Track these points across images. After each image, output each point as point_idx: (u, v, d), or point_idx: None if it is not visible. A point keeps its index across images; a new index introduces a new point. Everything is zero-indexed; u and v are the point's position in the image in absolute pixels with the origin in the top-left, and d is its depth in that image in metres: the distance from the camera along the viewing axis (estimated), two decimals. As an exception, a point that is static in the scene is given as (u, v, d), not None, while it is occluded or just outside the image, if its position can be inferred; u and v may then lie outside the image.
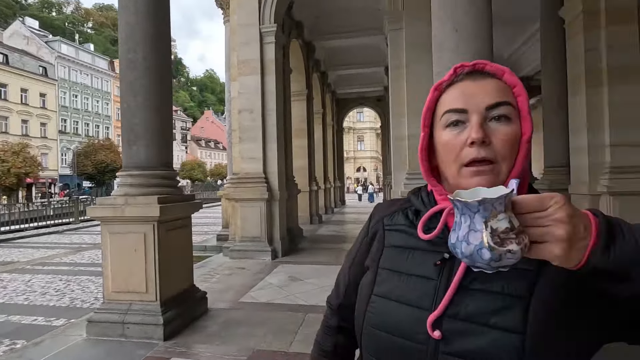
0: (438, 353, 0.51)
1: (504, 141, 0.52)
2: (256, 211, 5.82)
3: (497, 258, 0.40)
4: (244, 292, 4.16)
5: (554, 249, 0.40)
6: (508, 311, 0.49)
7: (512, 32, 10.20)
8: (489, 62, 0.57)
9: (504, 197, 0.40)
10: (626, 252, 0.40)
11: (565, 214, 0.39)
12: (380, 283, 0.61)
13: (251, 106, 5.94)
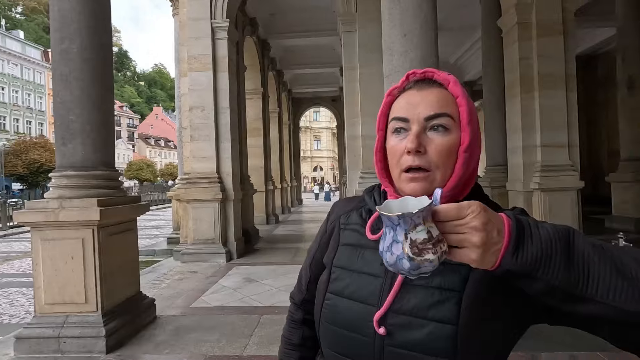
0: (383, 346, 0.56)
1: (438, 151, 0.55)
2: (209, 212, 5.62)
3: (415, 267, 0.43)
4: (196, 297, 4.01)
5: (470, 254, 0.44)
6: (443, 304, 0.53)
7: (457, 39, 10.84)
8: (437, 71, 0.60)
9: (422, 210, 0.43)
10: (531, 255, 0.44)
11: (480, 222, 0.43)
12: (333, 281, 0.64)
13: (203, 103, 5.72)
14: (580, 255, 0.44)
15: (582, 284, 0.43)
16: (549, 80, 5.19)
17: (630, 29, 7.08)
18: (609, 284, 0.43)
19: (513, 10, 5.34)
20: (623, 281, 0.42)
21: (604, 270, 0.43)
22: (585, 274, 0.43)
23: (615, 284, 0.43)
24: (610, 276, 0.43)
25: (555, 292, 0.44)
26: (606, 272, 0.43)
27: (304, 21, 9.30)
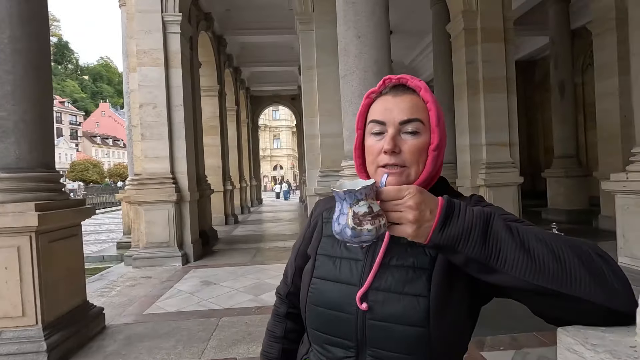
0: (365, 320, 0.62)
1: (411, 151, 0.64)
2: (163, 214, 5.38)
3: (356, 235, 0.51)
4: (149, 303, 3.83)
5: (406, 228, 0.53)
6: (416, 281, 0.61)
7: (411, 42, 11.29)
8: (410, 78, 0.68)
9: (364, 188, 0.51)
10: (454, 232, 0.52)
11: (414, 202, 0.52)
12: (318, 267, 0.71)
13: (154, 100, 5.46)
14: (495, 234, 0.52)
15: (493, 258, 0.51)
16: (492, 83, 5.59)
17: (561, 38, 7.81)
18: (513, 259, 0.50)
19: (460, 16, 5.68)
20: (525, 257, 0.50)
21: (512, 248, 0.51)
22: (496, 250, 0.51)
23: (518, 259, 0.50)
24: (516, 253, 0.51)
25: (472, 263, 0.53)
26: (514, 250, 0.51)
27: (261, 18, 9.18)
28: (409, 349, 0.60)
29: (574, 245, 0.51)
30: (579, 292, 0.48)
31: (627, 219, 3.54)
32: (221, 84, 9.56)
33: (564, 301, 0.49)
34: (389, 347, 0.61)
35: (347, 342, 0.65)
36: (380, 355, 0.62)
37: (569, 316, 0.51)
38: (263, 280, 4.54)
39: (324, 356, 0.69)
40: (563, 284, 0.48)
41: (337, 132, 5.66)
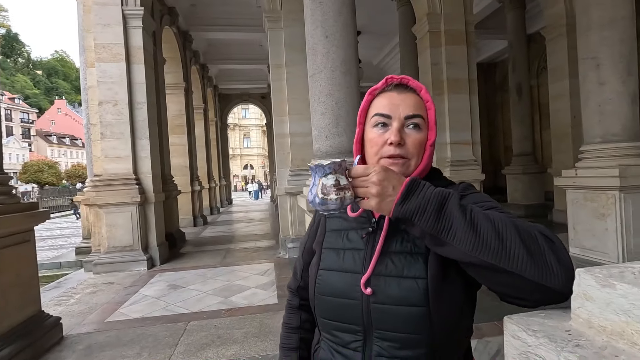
0: (370, 304, 0.67)
1: (414, 144, 0.70)
2: (126, 217, 5.15)
3: (323, 203, 0.60)
4: (112, 310, 3.65)
5: (371, 201, 0.60)
6: (415, 264, 0.66)
7: (379, 43, 11.49)
8: (411, 78, 0.74)
9: (332, 163, 0.59)
10: (412, 206, 0.58)
11: (378, 178, 0.59)
12: (323, 260, 0.76)
13: (115, 98, 5.20)
14: (449, 212, 0.58)
15: (444, 232, 0.57)
16: (455, 84, 5.81)
17: (518, 42, 8.25)
18: (462, 234, 0.56)
19: (425, 19, 5.85)
20: (471, 233, 0.56)
21: (462, 224, 0.57)
22: (448, 225, 0.57)
23: (465, 234, 0.56)
24: (464, 229, 0.56)
25: (426, 236, 0.59)
26: (463, 226, 0.56)
27: (229, 14, 8.98)
28: (412, 328, 0.64)
29: (522, 228, 0.57)
30: (513, 267, 0.53)
31: (576, 212, 3.81)
32: (187, 81, 9.27)
33: (504, 276, 0.54)
34: (393, 328, 0.66)
35: (354, 326, 0.69)
36: (385, 336, 0.67)
37: (510, 290, 0.56)
38: (233, 282, 4.46)
39: (334, 342, 0.73)
40: (501, 258, 0.54)
41: (307, 131, 5.66)
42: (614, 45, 3.41)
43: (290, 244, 5.52)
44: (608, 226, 3.45)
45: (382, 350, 0.67)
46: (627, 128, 3.48)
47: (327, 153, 2.88)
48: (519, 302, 0.54)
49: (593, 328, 0.39)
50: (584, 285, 0.41)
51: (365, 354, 0.69)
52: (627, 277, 0.38)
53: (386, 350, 0.67)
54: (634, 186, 3.33)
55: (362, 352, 0.69)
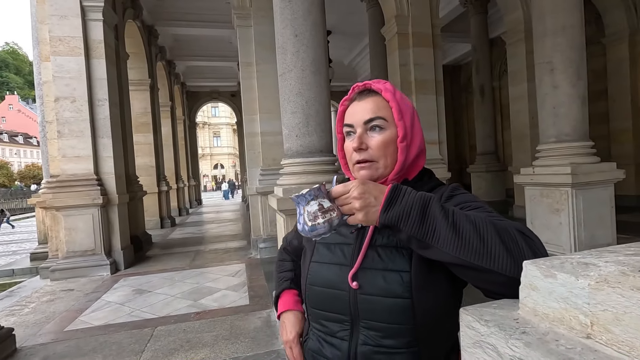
0: (357, 295, 0.70)
1: (377, 146, 0.73)
2: (87, 220, 4.89)
3: (313, 229, 0.62)
4: (72, 319, 3.46)
5: (358, 215, 0.62)
6: (400, 258, 0.69)
7: (350, 43, 11.60)
8: (374, 82, 0.77)
9: (311, 190, 0.61)
10: (396, 213, 0.60)
11: (358, 192, 0.61)
12: (316, 253, 0.80)
13: (73, 94, 4.92)
14: (432, 216, 0.60)
15: (429, 236, 0.59)
16: (423, 85, 5.99)
17: (481, 46, 8.62)
18: (445, 237, 0.58)
19: (394, 21, 5.98)
20: (454, 236, 0.58)
21: (444, 227, 0.58)
22: (432, 229, 0.59)
23: (448, 236, 0.58)
24: (447, 231, 0.58)
25: (412, 240, 0.61)
26: (446, 229, 0.58)
27: (196, 10, 8.74)
28: (395, 318, 0.68)
29: (502, 228, 0.59)
30: (494, 266, 0.55)
31: (534, 208, 4.05)
32: (153, 77, 8.93)
33: (486, 274, 0.56)
34: (378, 318, 0.69)
35: (342, 316, 0.73)
36: (371, 326, 0.70)
37: (493, 287, 0.58)
38: (203, 284, 4.36)
39: (322, 332, 0.77)
40: (483, 259, 0.56)
41: (278, 130, 5.60)
42: (565, 51, 3.65)
43: (262, 244, 5.47)
44: (562, 220, 3.69)
45: (368, 339, 0.70)
46: (577, 129, 3.73)
47: (297, 152, 2.88)
48: (500, 297, 0.57)
49: (538, 316, 0.42)
50: (530, 276, 0.44)
51: (352, 342, 0.72)
52: (567, 267, 0.41)
53: (371, 339, 0.70)
54: (584, 183, 3.59)
55: (349, 340, 0.72)
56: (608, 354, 0.35)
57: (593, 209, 3.64)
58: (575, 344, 0.38)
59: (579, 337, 0.38)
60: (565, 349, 0.37)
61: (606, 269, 0.39)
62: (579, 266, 0.41)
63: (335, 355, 0.74)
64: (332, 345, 0.75)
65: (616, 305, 0.35)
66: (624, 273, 0.37)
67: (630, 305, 0.34)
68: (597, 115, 7.46)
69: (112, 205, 5.18)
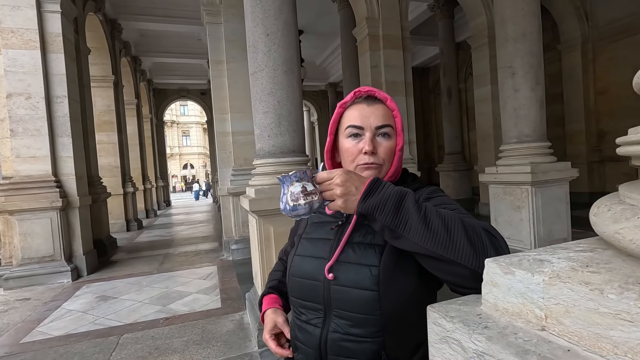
0: (330, 286, 0.76)
1: (385, 151, 0.78)
2: (45, 224, 4.60)
3: (294, 209, 0.66)
4: (28, 330, 3.25)
5: (337, 202, 0.66)
6: (371, 254, 0.74)
7: (322, 43, 11.64)
8: (378, 90, 0.82)
9: (297, 172, 0.66)
10: (372, 203, 0.65)
11: (340, 180, 0.66)
12: (299, 248, 0.86)
13: (28, 90, 4.61)
14: (405, 208, 0.64)
15: (401, 226, 0.63)
16: (393, 87, 6.11)
17: (448, 50, 8.93)
18: (415, 228, 0.62)
19: (364, 22, 6.06)
20: (423, 227, 0.62)
21: (416, 219, 0.63)
22: (404, 220, 0.63)
23: (418, 228, 0.62)
24: (418, 224, 0.62)
25: (385, 230, 0.65)
26: (417, 221, 0.63)
27: (162, 4, 8.44)
28: (362, 308, 0.73)
29: (468, 224, 0.63)
30: (458, 257, 0.59)
31: (497, 205, 4.24)
32: (117, 74, 8.53)
33: (451, 266, 0.60)
34: (348, 308, 0.74)
35: (317, 305, 0.79)
36: (342, 315, 0.75)
37: (456, 279, 0.62)
38: (172, 288, 4.22)
39: (300, 320, 0.83)
40: (448, 250, 0.60)
41: (249, 130, 5.53)
42: (525, 57, 3.86)
43: (234, 246, 5.38)
44: (522, 217, 3.90)
45: (338, 327, 0.76)
46: (536, 130, 3.95)
47: (269, 152, 2.86)
48: (463, 291, 0.60)
49: (499, 310, 0.44)
50: (491, 273, 0.46)
51: (324, 329, 0.78)
52: (524, 264, 0.43)
53: (341, 328, 0.75)
54: (543, 181, 3.80)
55: (322, 327, 0.78)
56: (560, 344, 0.38)
57: (550, 205, 3.87)
58: (532, 336, 0.40)
59: (535, 329, 0.41)
60: (522, 342, 0.40)
61: (558, 265, 0.42)
62: (534, 263, 0.44)
63: (307, 340, 0.80)
64: (306, 331, 0.81)
65: (567, 299, 0.38)
66: (573, 269, 0.40)
67: (578, 299, 0.37)
68: (553, 118, 7.95)
69: (72, 208, 4.90)
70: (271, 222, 2.66)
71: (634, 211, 0.37)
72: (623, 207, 0.40)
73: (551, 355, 0.37)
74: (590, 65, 8.32)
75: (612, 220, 0.39)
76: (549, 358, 0.36)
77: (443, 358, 0.48)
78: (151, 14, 8.77)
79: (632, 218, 0.37)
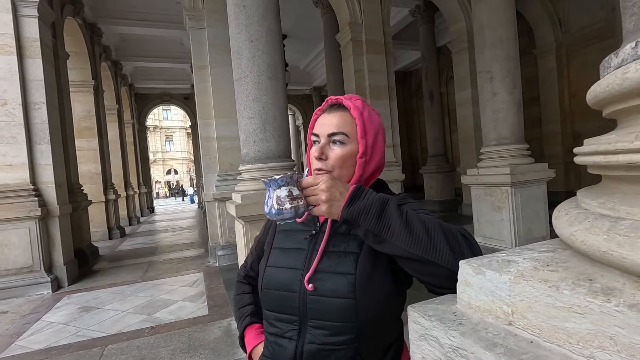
0: (306, 296, 0.76)
1: (335, 158, 0.79)
2: (23, 234, 4.47)
3: (279, 213, 0.67)
4: (7, 344, 3.14)
5: (322, 207, 0.68)
6: (346, 262, 0.75)
7: (305, 47, 11.70)
8: (346, 98, 0.83)
9: (284, 176, 0.67)
10: (356, 209, 0.67)
11: (326, 186, 0.68)
12: (271, 258, 0.85)
13: (4, 96, 4.47)
14: (388, 213, 0.67)
15: (384, 231, 0.66)
16: (377, 90, 6.21)
17: (429, 54, 9.12)
18: (398, 232, 0.65)
19: (347, 28, 6.15)
20: (406, 231, 0.65)
21: (398, 224, 0.66)
22: (387, 225, 0.66)
23: (401, 232, 0.65)
24: (400, 228, 0.66)
25: (369, 235, 0.67)
26: (399, 225, 0.66)
27: (143, 8, 8.33)
28: (340, 317, 0.73)
29: (446, 228, 0.67)
30: (438, 259, 0.63)
31: (479, 206, 4.36)
32: (97, 79, 8.36)
33: (430, 267, 0.64)
34: (325, 317, 0.75)
35: (292, 316, 0.78)
36: (318, 325, 0.75)
37: (434, 280, 0.65)
38: (157, 296, 4.16)
39: (273, 334, 0.81)
40: (429, 252, 0.64)
41: (234, 135, 5.51)
42: (502, 62, 4.00)
43: (221, 252, 5.33)
44: (503, 217, 4.02)
45: (314, 337, 0.75)
46: (514, 132, 4.09)
47: (255, 158, 2.87)
48: (441, 291, 0.64)
49: (472, 308, 0.48)
50: (464, 274, 0.50)
51: (299, 341, 0.77)
52: (493, 265, 0.47)
53: (317, 338, 0.75)
54: (521, 182, 3.94)
55: (297, 340, 0.78)
56: (524, 337, 0.42)
57: (529, 205, 4.01)
58: (500, 331, 0.44)
59: (503, 324, 0.45)
60: (492, 336, 0.43)
61: (523, 265, 0.46)
62: (502, 263, 0.48)
63: (281, 354, 0.79)
64: (280, 346, 0.79)
65: (529, 296, 0.42)
66: (535, 268, 0.44)
67: (539, 295, 0.41)
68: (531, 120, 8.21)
69: (52, 217, 4.77)
70: (257, 228, 2.67)
71: (585, 215, 0.42)
72: (578, 211, 0.45)
73: (516, 347, 0.40)
74: (565, 69, 8.65)
75: (568, 224, 0.44)
76: (514, 349, 0.40)
77: (422, 354, 0.51)
78: (131, 17, 8.65)
79: (584, 222, 0.41)
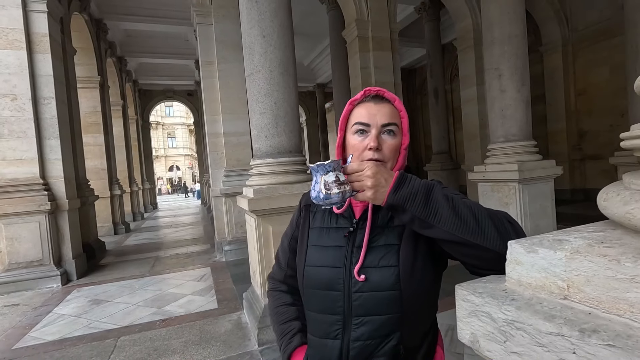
0: (351, 293, 0.77)
1: (389, 149, 0.80)
2: (33, 228, 4.51)
3: (327, 197, 0.68)
4: (20, 335, 3.19)
5: (367, 193, 0.69)
6: (388, 254, 0.77)
7: (310, 44, 11.69)
8: (386, 90, 0.84)
9: (331, 162, 0.69)
10: (403, 194, 0.68)
11: (371, 172, 0.69)
12: (309, 257, 0.84)
13: (13, 91, 4.50)
14: (435, 199, 0.68)
15: (431, 216, 0.67)
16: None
17: (434, 51, 9.11)
18: (446, 217, 0.66)
19: (354, 24, 6.14)
20: (454, 217, 0.66)
21: (446, 209, 0.67)
22: (434, 210, 0.67)
23: (449, 217, 0.66)
24: (448, 213, 0.66)
25: (415, 220, 0.68)
26: (447, 211, 0.67)
27: (148, 4, 8.35)
28: (386, 310, 0.75)
29: (492, 213, 0.69)
30: (487, 243, 0.64)
31: (486, 202, 4.37)
32: (102, 74, 8.39)
33: (478, 250, 0.65)
34: (370, 312, 0.76)
35: (336, 316, 0.79)
36: (363, 321, 0.76)
37: (480, 262, 0.67)
38: (166, 290, 4.20)
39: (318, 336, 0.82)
40: (478, 236, 0.65)
41: (241, 131, 5.56)
42: (511, 59, 4.00)
43: (227, 247, 5.37)
44: (510, 213, 4.03)
45: (359, 334, 0.76)
46: (522, 129, 4.10)
47: (267, 153, 2.89)
48: (484, 272, 0.66)
49: (522, 285, 0.50)
50: (514, 253, 0.52)
51: (344, 340, 0.78)
52: (545, 244, 0.49)
53: (363, 335, 0.76)
54: (529, 178, 3.95)
55: (342, 339, 0.78)
56: (581, 309, 0.44)
57: (537, 201, 4.02)
58: (556, 305, 0.46)
59: (558, 299, 0.47)
60: (548, 309, 0.45)
61: (576, 243, 0.48)
62: (554, 242, 0.50)
63: (327, 356, 0.79)
64: (326, 346, 0.80)
65: (587, 270, 0.44)
66: (590, 245, 0.46)
67: (598, 269, 0.43)
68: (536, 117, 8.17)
69: (61, 211, 4.81)
70: (270, 222, 2.70)
71: (640, 194, 0.44)
72: (630, 192, 0.47)
73: (575, 318, 0.42)
74: (571, 67, 8.63)
75: (623, 203, 0.46)
76: (574, 320, 0.42)
77: (472, 330, 0.54)
78: (137, 14, 8.66)
79: (641, 200, 0.43)
